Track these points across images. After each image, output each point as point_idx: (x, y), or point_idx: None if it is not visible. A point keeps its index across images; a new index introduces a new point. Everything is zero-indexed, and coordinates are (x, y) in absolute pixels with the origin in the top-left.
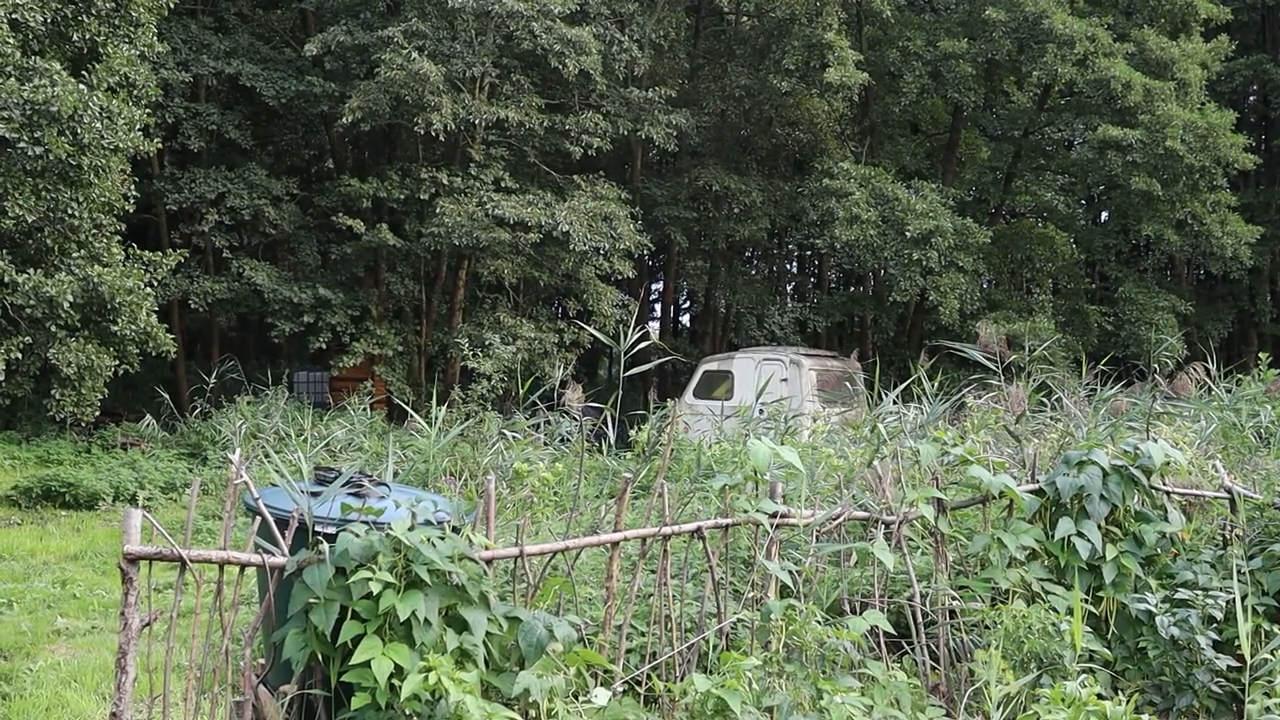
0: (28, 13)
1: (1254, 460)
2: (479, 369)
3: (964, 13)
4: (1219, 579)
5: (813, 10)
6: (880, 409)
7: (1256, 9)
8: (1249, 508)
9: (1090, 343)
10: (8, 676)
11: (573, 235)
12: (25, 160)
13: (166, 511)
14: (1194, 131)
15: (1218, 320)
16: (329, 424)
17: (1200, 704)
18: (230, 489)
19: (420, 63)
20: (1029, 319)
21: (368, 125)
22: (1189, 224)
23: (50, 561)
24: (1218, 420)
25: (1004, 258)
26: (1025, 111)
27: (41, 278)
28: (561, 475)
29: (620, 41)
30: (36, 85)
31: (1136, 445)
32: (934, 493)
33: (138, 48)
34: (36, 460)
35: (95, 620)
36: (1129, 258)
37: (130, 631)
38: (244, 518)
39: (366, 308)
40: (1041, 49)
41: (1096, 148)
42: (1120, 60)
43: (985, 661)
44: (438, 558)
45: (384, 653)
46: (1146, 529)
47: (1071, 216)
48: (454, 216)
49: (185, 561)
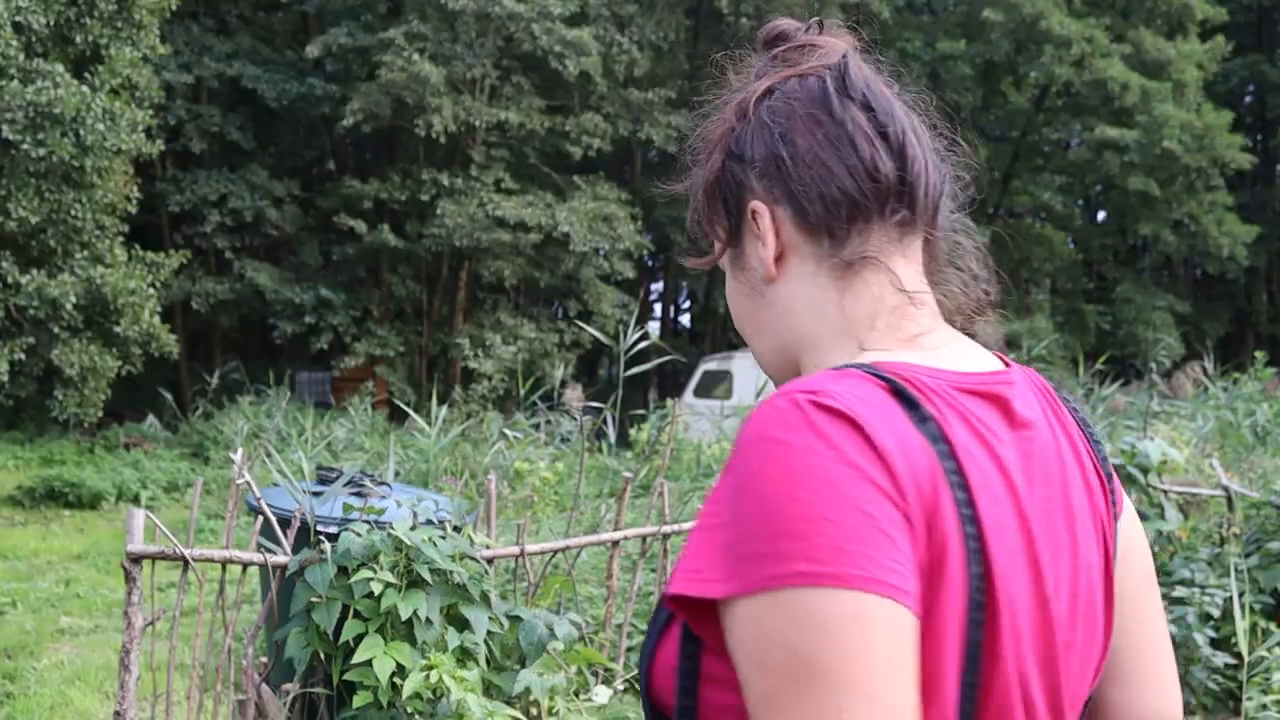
0: (31, 15)
1: (1251, 458)
2: (480, 369)
3: (962, 14)
4: (1216, 577)
5: (811, 12)
6: None
7: (1253, 10)
8: (1246, 506)
9: (1088, 342)
10: (12, 675)
11: (573, 236)
12: (28, 162)
13: (169, 511)
14: (1191, 132)
15: (1215, 320)
16: (330, 424)
17: (1197, 701)
18: (232, 489)
19: (421, 65)
20: (1027, 319)
21: (369, 127)
22: (1186, 224)
23: (54, 561)
24: (1214, 419)
25: (1002, 258)
26: (1023, 112)
27: (45, 279)
28: (562, 475)
29: (620, 43)
30: (39, 87)
31: (1134, 444)
32: None
33: (140, 50)
34: (40, 460)
35: (99, 619)
36: (1126, 258)
37: (133, 630)
38: (246, 517)
39: (368, 308)
40: (1039, 50)
41: (1094, 148)
42: (1117, 61)
43: None
44: (439, 557)
45: (386, 651)
46: (1144, 527)
47: (1069, 216)
48: (455, 218)
49: (188, 561)
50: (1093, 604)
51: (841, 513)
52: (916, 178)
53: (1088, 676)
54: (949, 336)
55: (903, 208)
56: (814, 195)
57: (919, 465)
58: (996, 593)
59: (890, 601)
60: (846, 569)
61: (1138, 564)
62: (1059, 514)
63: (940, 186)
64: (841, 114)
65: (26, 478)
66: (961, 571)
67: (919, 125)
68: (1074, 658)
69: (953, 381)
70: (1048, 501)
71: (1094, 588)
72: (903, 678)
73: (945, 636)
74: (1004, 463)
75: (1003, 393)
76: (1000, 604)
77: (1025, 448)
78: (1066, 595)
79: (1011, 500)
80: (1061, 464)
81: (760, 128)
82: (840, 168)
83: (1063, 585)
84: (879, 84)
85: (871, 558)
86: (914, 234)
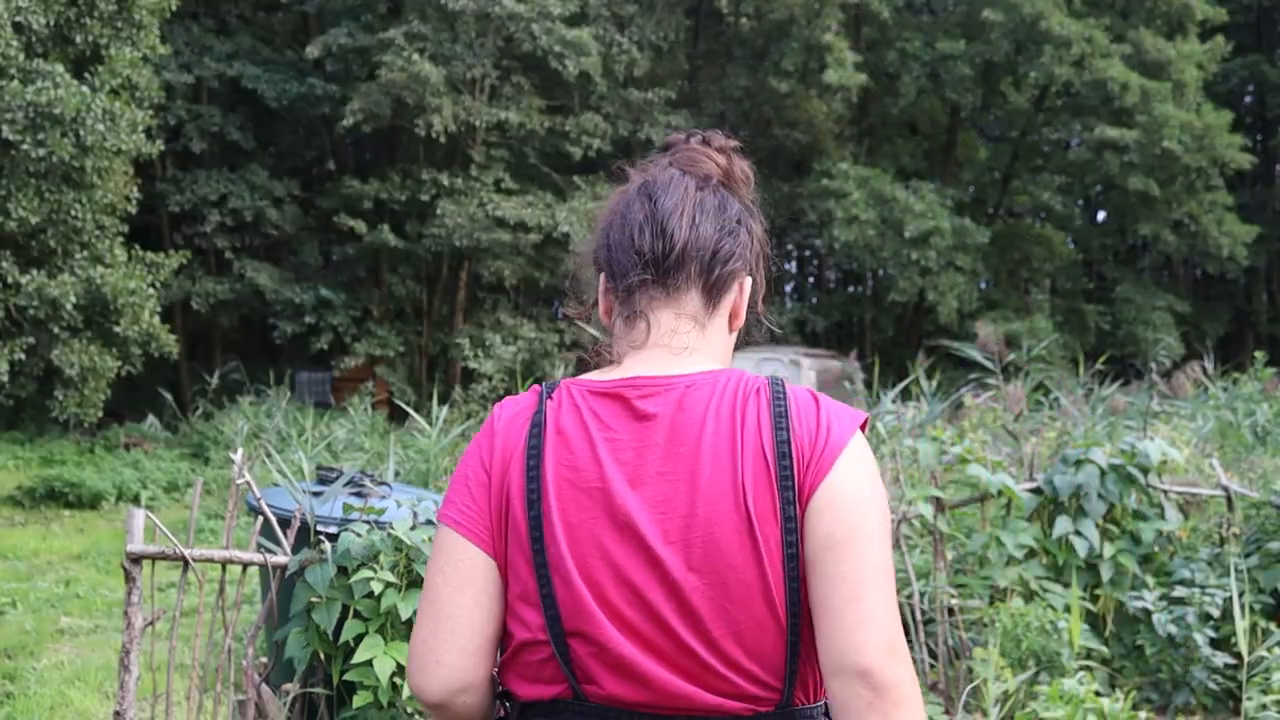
0: (31, 15)
1: (1251, 459)
2: (480, 369)
3: (962, 14)
4: (1216, 577)
5: (811, 12)
6: (879, 408)
7: (1253, 10)
8: (1246, 506)
9: (1088, 342)
10: (12, 675)
11: (573, 236)
12: (28, 162)
13: (169, 511)
14: (1191, 132)
15: (1214, 320)
16: (330, 424)
17: (1197, 701)
18: (232, 489)
19: (421, 65)
20: (1027, 319)
21: (369, 127)
22: (1186, 224)
23: (54, 561)
24: (1214, 419)
25: (1002, 258)
26: (1023, 112)
27: (45, 279)
28: None
29: (620, 43)
30: (39, 87)
31: (1134, 444)
32: (932, 491)
33: (140, 50)
34: (40, 460)
35: (99, 619)
36: (1126, 258)
37: (133, 630)
38: (246, 517)
39: (368, 308)
40: (1039, 50)
41: (1094, 148)
42: (1117, 61)
43: (983, 659)
44: None
45: (386, 651)
46: (1144, 527)
47: (1069, 216)
48: (455, 218)
49: (188, 561)
50: (715, 547)
51: (456, 472)
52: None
53: (733, 604)
54: (642, 360)
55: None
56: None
57: (510, 441)
58: (553, 525)
59: (452, 530)
60: (441, 508)
61: (823, 527)
62: (681, 480)
63: (702, 250)
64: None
65: (26, 478)
66: (522, 511)
67: (695, 209)
68: (696, 586)
69: (590, 387)
70: (665, 469)
71: (717, 537)
72: (449, 584)
73: (518, 554)
74: (594, 440)
75: (624, 393)
76: (556, 533)
77: (642, 432)
78: (680, 540)
79: (593, 465)
80: (698, 446)
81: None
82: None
83: (674, 530)
84: (675, 184)
85: (452, 502)
86: (674, 285)
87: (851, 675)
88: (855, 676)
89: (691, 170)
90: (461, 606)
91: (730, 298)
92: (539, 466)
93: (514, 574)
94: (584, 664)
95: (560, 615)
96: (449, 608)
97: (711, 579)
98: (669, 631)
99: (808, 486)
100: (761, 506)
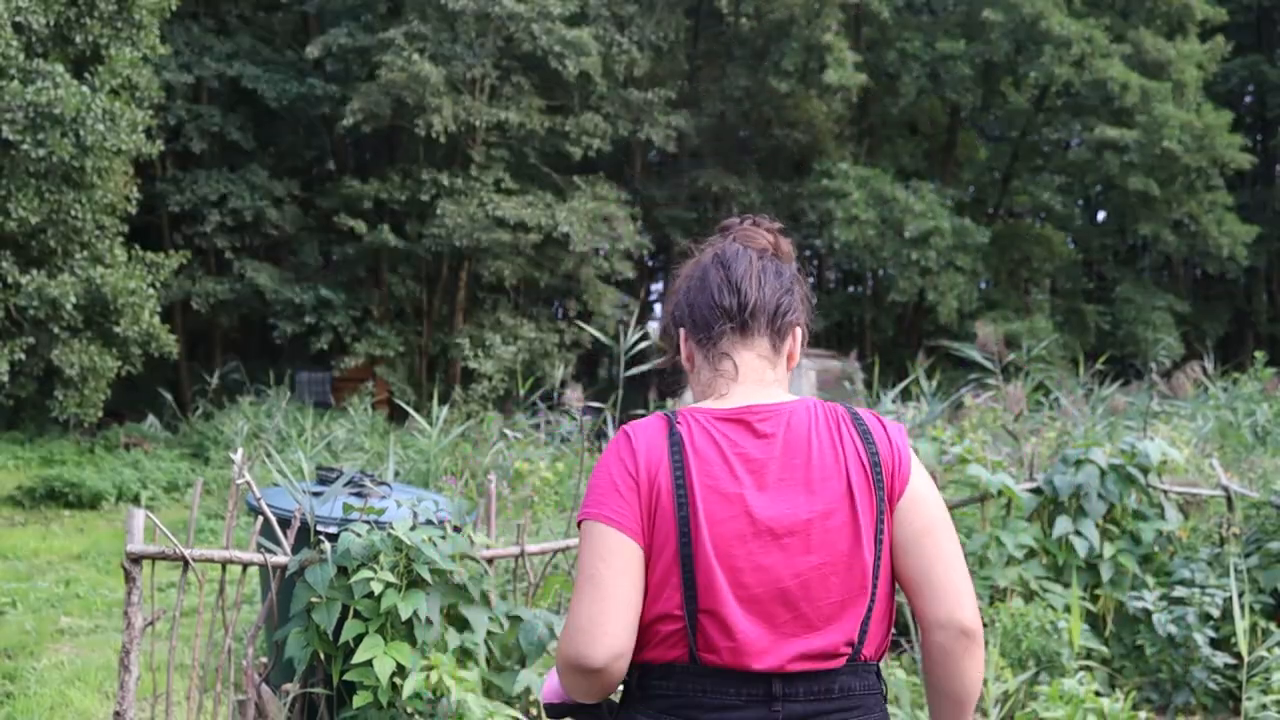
0: (31, 15)
1: (1250, 459)
2: (480, 369)
3: (962, 14)
4: (1216, 577)
5: (811, 12)
6: (879, 408)
7: (1253, 10)
8: (1245, 506)
9: (1088, 342)
10: (12, 675)
11: (573, 236)
12: (28, 162)
13: (169, 511)
14: (1190, 132)
15: (1214, 320)
16: (330, 424)
17: (1197, 701)
18: (232, 489)
19: (421, 65)
20: (1027, 319)
21: (369, 127)
22: (1186, 224)
23: (54, 561)
24: (1214, 419)
25: (1002, 258)
26: (1023, 112)
27: (45, 279)
28: (562, 475)
29: (620, 43)
30: (39, 87)
31: (1134, 444)
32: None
33: (140, 50)
34: (40, 460)
35: (99, 619)
36: (1126, 258)
37: (133, 630)
38: (246, 517)
39: (368, 308)
40: (1039, 50)
41: (1094, 148)
42: (1117, 61)
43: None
44: (439, 557)
45: (386, 651)
46: (1144, 527)
47: (1069, 217)
48: (455, 218)
49: (188, 561)
50: (828, 535)
51: (598, 480)
52: (746, 303)
53: (837, 577)
54: (743, 391)
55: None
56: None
57: (654, 455)
58: (699, 523)
59: (609, 526)
60: (589, 509)
61: (916, 521)
62: (798, 485)
63: (769, 305)
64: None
65: (26, 478)
66: (672, 512)
67: (761, 273)
68: (812, 565)
69: (714, 414)
70: (784, 476)
71: (830, 527)
72: (611, 570)
73: (665, 546)
74: (726, 455)
75: (746, 418)
76: (702, 530)
77: (763, 448)
78: (802, 530)
79: (729, 475)
80: (808, 458)
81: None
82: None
83: (797, 523)
84: (741, 255)
85: (604, 504)
86: (751, 333)
87: (955, 629)
88: (958, 629)
89: (750, 245)
90: (622, 588)
91: (788, 343)
92: (684, 476)
93: (658, 561)
94: (708, 635)
95: (697, 596)
96: (613, 589)
97: (824, 559)
98: (789, 602)
99: (896, 490)
100: (864, 503)
